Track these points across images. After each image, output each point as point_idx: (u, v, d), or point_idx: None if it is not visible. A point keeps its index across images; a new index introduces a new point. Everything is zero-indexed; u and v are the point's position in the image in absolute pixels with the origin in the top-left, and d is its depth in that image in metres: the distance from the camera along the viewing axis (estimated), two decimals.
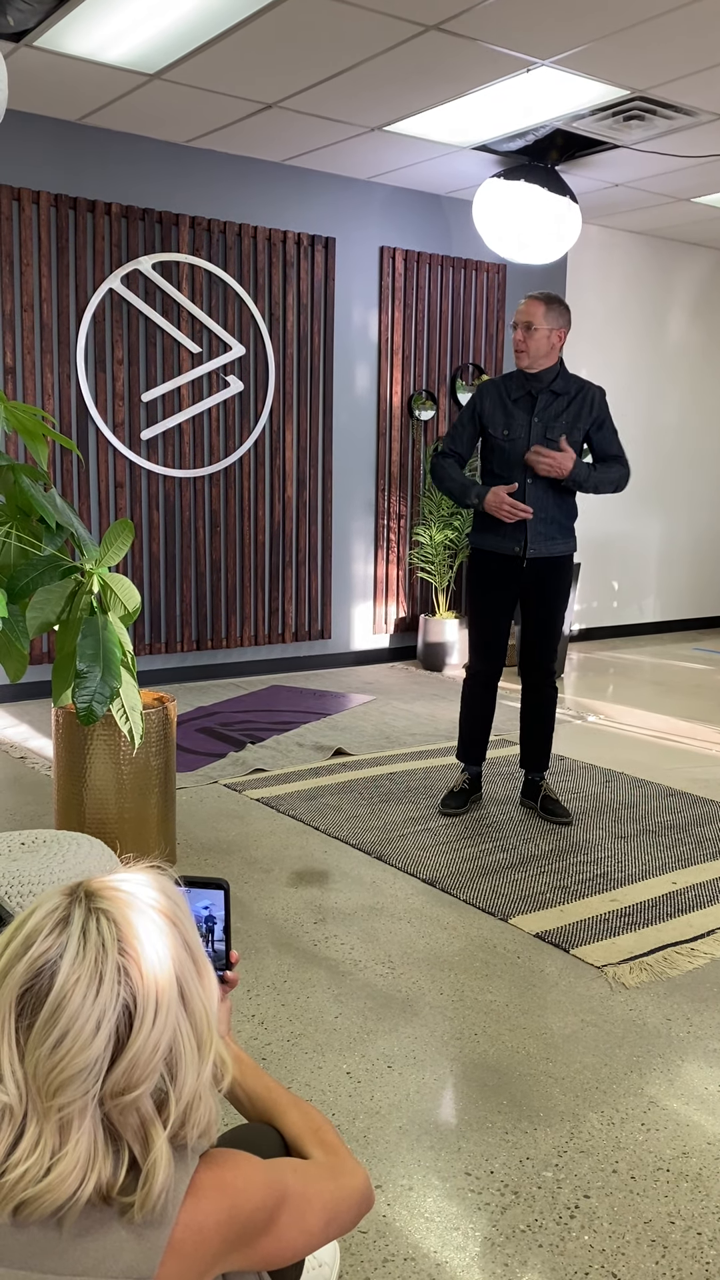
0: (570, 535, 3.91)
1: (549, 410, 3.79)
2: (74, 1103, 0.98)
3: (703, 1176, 2.01)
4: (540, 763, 4.09)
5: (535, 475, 3.79)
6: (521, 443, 3.80)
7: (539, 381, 3.80)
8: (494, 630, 3.99)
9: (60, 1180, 0.97)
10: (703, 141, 5.63)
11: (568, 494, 3.86)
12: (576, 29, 4.25)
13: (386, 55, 4.57)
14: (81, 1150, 0.98)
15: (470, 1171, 2.01)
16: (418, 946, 2.95)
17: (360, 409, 6.77)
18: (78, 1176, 0.98)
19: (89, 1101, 0.98)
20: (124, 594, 2.37)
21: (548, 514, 3.83)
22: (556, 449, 3.74)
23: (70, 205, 5.59)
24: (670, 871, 3.49)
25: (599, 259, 7.75)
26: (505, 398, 3.85)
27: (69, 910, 1.02)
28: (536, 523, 3.82)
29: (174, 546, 6.17)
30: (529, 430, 3.80)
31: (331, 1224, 1.18)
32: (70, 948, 0.99)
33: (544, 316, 3.74)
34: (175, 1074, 1.02)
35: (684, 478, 8.56)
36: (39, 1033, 0.98)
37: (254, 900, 3.23)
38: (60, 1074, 0.97)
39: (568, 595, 4.00)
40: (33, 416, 2.35)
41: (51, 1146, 0.98)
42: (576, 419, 3.80)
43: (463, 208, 6.95)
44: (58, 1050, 0.97)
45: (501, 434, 3.84)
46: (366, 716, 5.53)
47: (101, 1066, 0.98)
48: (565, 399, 3.80)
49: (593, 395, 3.83)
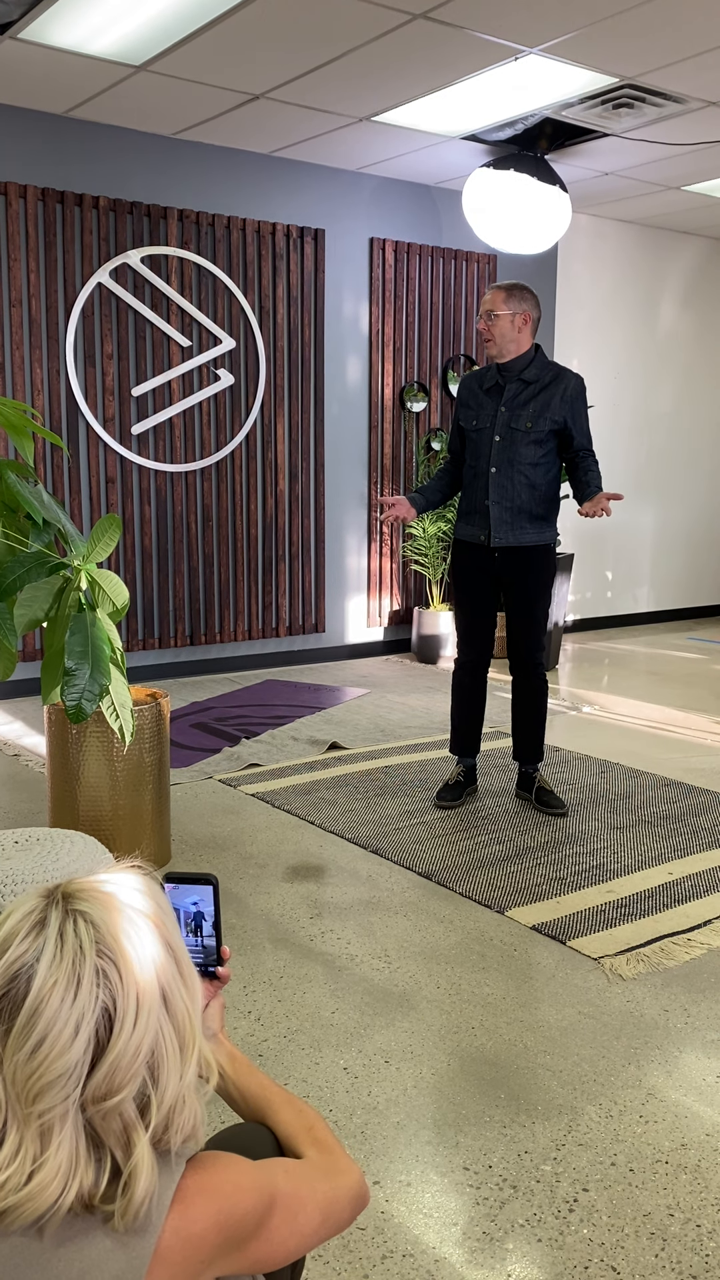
0: (545, 525, 3.87)
1: (517, 399, 3.79)
2: (54, 1108, 0.96)
3: (701, 1168, 2.00)
4: (532, 755, 4.08)
5: (500, 464, 3.79)
6: (487, 432, 3.82)
7: (510, 370, 3.81)
8: (475, 617, 3.99)
9: (41, 1188, 0.95)
10: (692, 129, 5.60)
11: (539, 485, 3.82)
12: (564, 16, 4.23)
13: (374, 44, 4.54)
14: (63, 1157, 0.96)
15: (468, 1166, 2.01)
16: (414, 940, 2.94)
17: (352, 401, 6.74)
18: (59, 1184, 0.96)
19: (70, 1107, 0.97)
20: (112, 590, 2.35)
21: (512, 504, 3.80)
22: (522, 438, 3.76)
23: (58, 199, 5.55)
24: (666, 862, 3.48)
25: (590, 248, 7.72)
26: (478, 388, 3.89)
27: (45, 913, 1.00)
28: (501, 511, 3.81)
29: (166, 541, 6.15)
30: (494, 419, 3.81)
31: (325, 1224, 1.16)
32: (47, 951, 0.97)
33: (505, 302, 3.74)
34: (158, 1077, 1.00)
35: (677, 467, 8.54)
36: (16, 1038, 0.96)
37: (250, 895, 3.22)
38: (39, 1080, 0.95)
39: (546, 586, 3.94)
40: (18, 412, 2.32)
41: (32, 1154, 0.96)
42: (545, 407, 3.77)
43: (452, 198, 6.92)
44: (35, 1055, 0.95)
45: (471, 424, 3.88)
46: (361, 710, 5.52)
47: (81, 1071, 0.96)
48: (536, 387, 3.78)
49: (567, 383, 3.79)
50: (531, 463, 3.79)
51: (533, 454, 3.78)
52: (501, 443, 3.80)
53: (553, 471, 3.85)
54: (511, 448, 3.79)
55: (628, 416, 8.14)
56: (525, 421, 3.76)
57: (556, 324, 7.61)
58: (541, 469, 3.81)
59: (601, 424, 7.93)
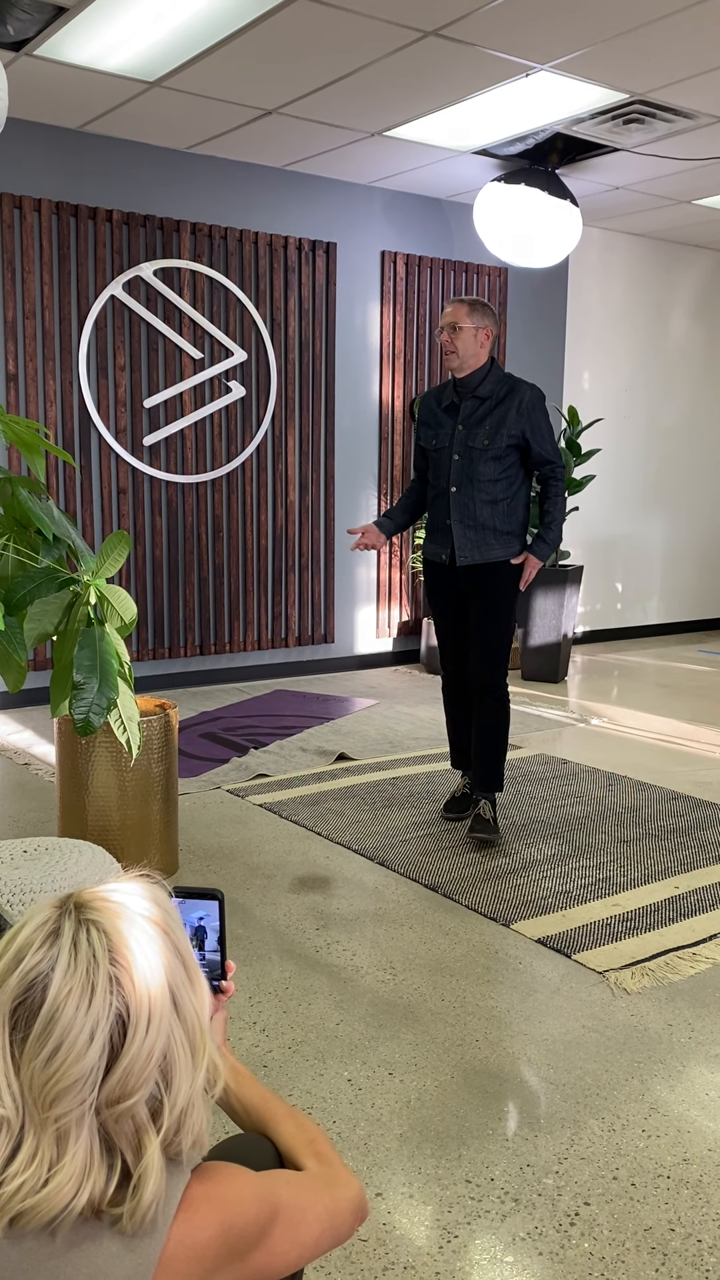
0: (512, 540, 3.76)
1: (473, 416, 3.74)
2: (70, 1113, 0.99)
3: (703, 1183, 2.01)
4: (480, 780, 3.87)
5: (461, 482, 3.75)
6: (446, 451, 3.78)
7: (466, 387, 3.76)
8: (448, 633, 3.96)
9: (57, 1190, 0.98)
10: (703, 144, 5.63)
11: (500, 501, 3.74)
12: (575, 33, 4.26)
13: (386, 61, 4.58)
14: (79, 1161, 0.99)
15: (471, 1179, 2.02)
16: (419, 952, 2.95)
17: (362, 413, 6.77)
18: (73, 1187, 0.99)
19: (85, 1111, 0.99)
20: (120, 605, 2.38)
21: (475, 521, 3.74)
22: (480, 455, 3.70)
23: (71, 212, 5.61)
24: (673, 876, 3.49)
25: (600, 262, 7.75)
26: (436, 406, 3.86)
27: (59, 923, 1.03)
28: (464, 530, 3.75)
29: (177, 552, 6.18)
30: (453, 438, 3.76)
31: (325, 1236, 1.18)
32: (61, 960, 1.00)
33: (468, 315, 3.71)
34: (170, 1081, 1.03)
35: (687, 480, 8.55)
36: (33, 1045, 0.99)
37: (256, 906, 3.24)
38: (56, 1085, 0.98)
39: (509, 602, 3.82)
40: (29, 429, 2.35)
41: (50, 1158, 0.99)
42: (502, 423, 3.70)
43: (464, 211, 6.95)
44: (52, 1062, 0.98)
45: (430, 443, 3.84)
46: (370, 721, 5.54)
47: (97, 1076, 0.99)
48: (491, 402, 3.72)
49: (522, 396, 3.71)
50: (491, 479, 3.72)
51: (492, 470, 3.71)
52: (460, 461, 3.74)
53: (515, 485, 3.77)
54: (471, 465, 3.72)
55: (638, 429, 8.16)
56: (483, 439, 3.71)
57: (567, 337, 7.64)
58: (503, 484, 3.73)
59: (611, 437, 7.94)
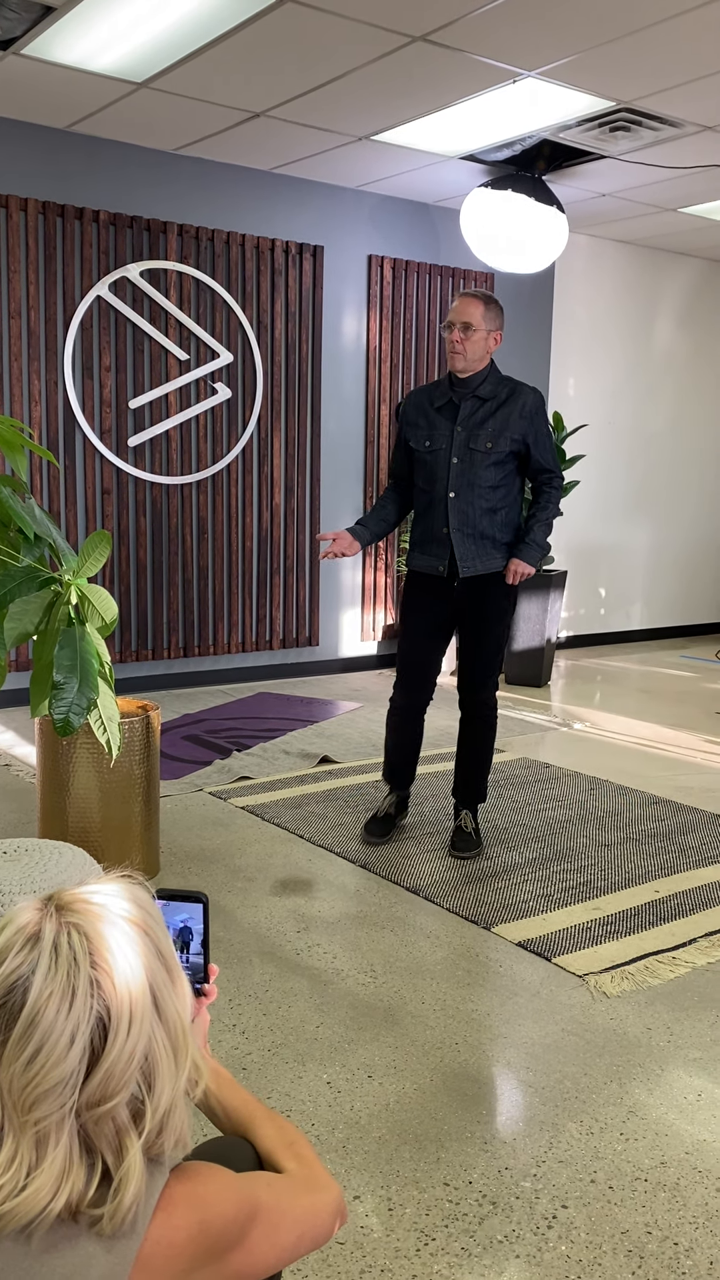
0: (509, 551, 3.60)
1: (473, 418, 3.50)
2: (50, 1116, 0.98)
3: (680, 1186, 2.01)
4: (466, 795, 3.78)
5: (460, 488, 3.51)
6: (444, 454, 3.52)
7: (465, 387, 3.52)
8: (422, 656, 3.71)
9: (35, 1194, 0.97)
10: (688, 152, 5.66)
11: (500, 509, 3.56)
12: (563, 41, 4.28)
13: (374, 65, 4.58)
14: (58, 1164, 0.98)
15: (449, 1182, 2.02)
16: (400, 955, 2.95)
17: (348, 416, 6.78)
18: (51, 1190, 0.98)
19: (65, 1114, 0.99)
20: (101, 605, 2.37)
21: (475, 530, 3.53)
22: (482, 460, 3.49)
23: (58, 213, 5.59)
24: (653, 880, 3.50)
25: (586, 268, 7.77)
26: (429, 406, 3.59)
27: (40, 925, 1.02)
28: (465, 540, 3.53)
29: (161, 553, 6.17)
30: (451, 440, 3.51)
31: (303, 1239, 1.18)
32: (42, 963, 1.00)
33: (483, 316, 3.47)
34: (152, 1083, 1.02)
35: (671, 486, 8.59)
36: (13, 1049, 0.98)
37: (237, 909, 3.23)
38: (36, 1089, 0.97)
39: (505, 614, 3.67)
40: (11, 428, 2.35)
41: (29, 1161, 0.98)
42: (504, 426, 3.48)
43: (451, 216, 6.96)
44: (32, 1066, 0.97)
45: (423, 445, 3.57)
46: (353, 724, 5.54)
47: (77, 1079, 0.99)
48: (493, 404, 3.50)
49: (525, 400, 3.51)
50: (492, 485, 3.51)
51: (493, 476, 3.50)
52: (460, 465, 3.50)
53: (512, 495, 3.58)
54: (471, 470, 3.49)
55: (623, 435, 8.19)
56: (485, 441, 3.48)
57: (553, 343, 7.66)
58: (502, 491, 3.54)
59: (597, 443, 7.97)
